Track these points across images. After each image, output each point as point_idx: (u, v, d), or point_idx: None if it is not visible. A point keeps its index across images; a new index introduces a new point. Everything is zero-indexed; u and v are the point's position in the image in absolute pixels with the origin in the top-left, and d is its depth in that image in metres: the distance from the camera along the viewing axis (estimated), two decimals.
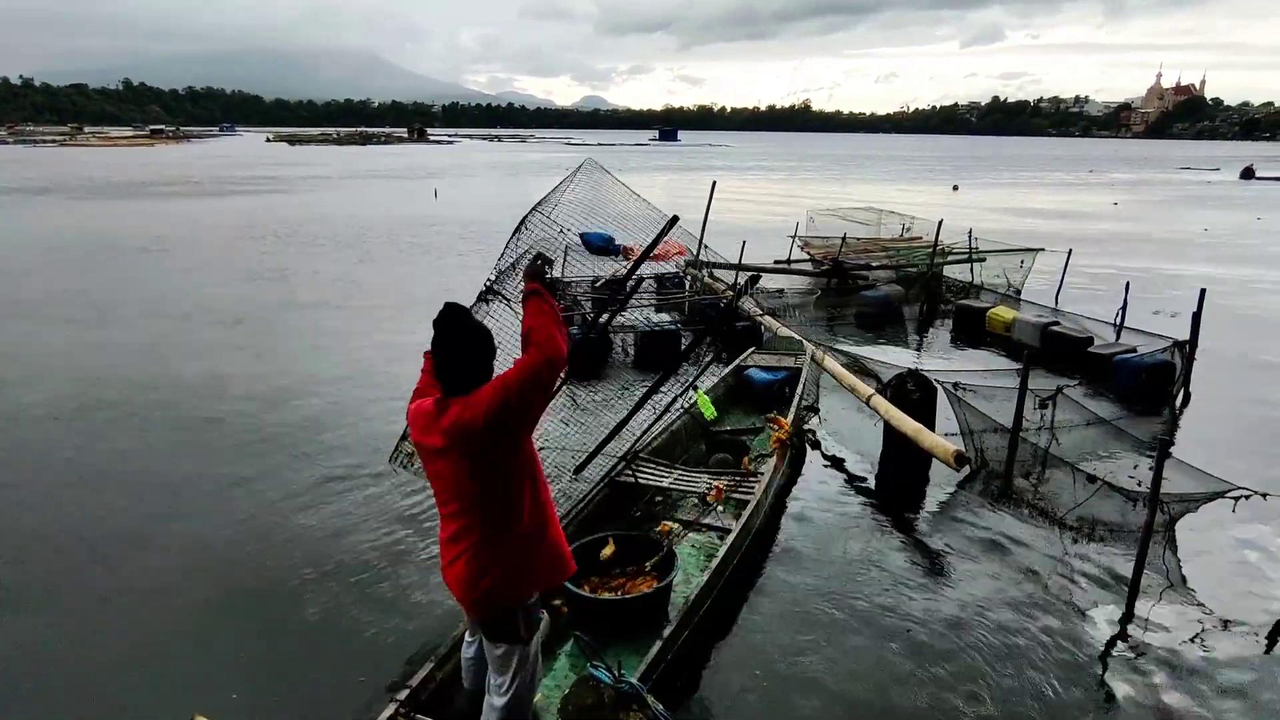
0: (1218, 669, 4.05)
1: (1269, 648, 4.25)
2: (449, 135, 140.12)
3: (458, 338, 2.60)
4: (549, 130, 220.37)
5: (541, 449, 3.11)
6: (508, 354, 3.07)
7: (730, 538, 4.54)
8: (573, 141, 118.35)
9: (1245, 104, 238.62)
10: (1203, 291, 8.18)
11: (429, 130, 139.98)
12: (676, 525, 4.87)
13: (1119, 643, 4.26)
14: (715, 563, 4.27)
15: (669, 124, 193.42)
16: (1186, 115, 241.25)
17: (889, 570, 4.96)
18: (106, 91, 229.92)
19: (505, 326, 3.90)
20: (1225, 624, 4.42)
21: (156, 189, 34.01)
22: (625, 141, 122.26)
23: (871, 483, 6.32)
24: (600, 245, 14.30)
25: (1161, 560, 4.74)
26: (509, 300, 4.20)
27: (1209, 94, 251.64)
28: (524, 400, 2.54)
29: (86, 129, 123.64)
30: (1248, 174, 52.62)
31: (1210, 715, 3.74)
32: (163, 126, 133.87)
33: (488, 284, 4.30)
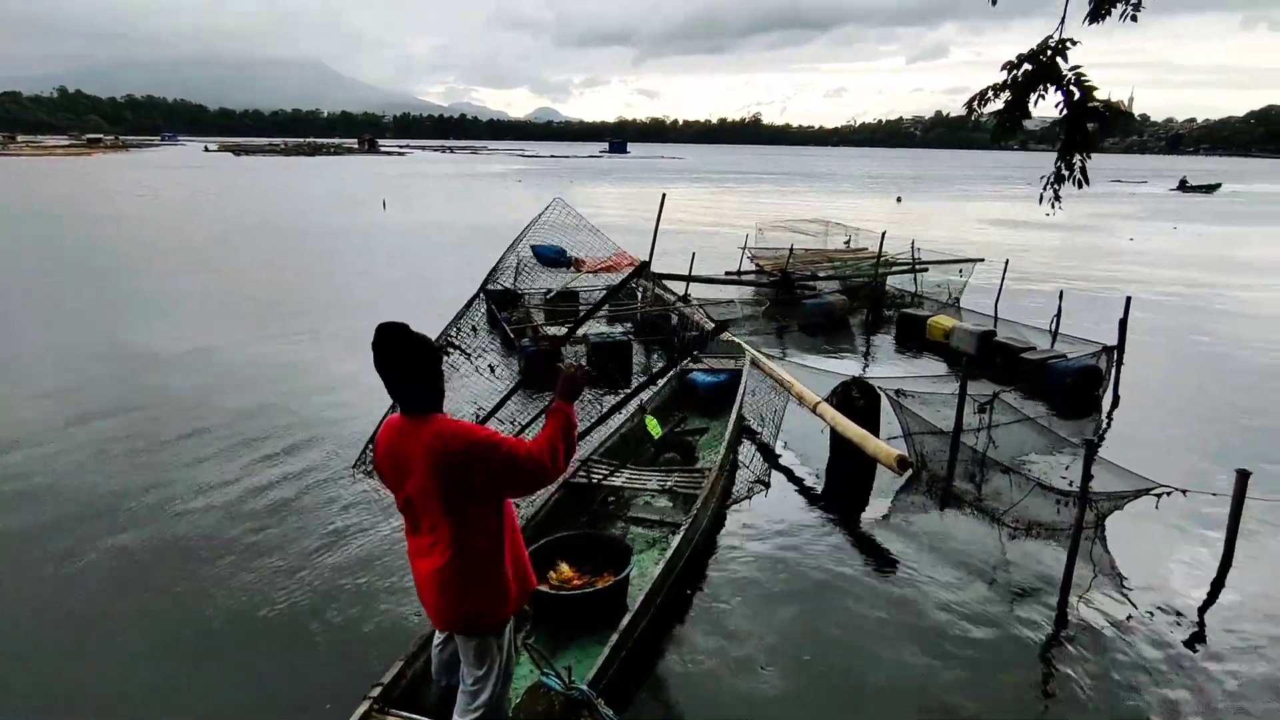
0: (1143, 655, 4.26)
1: (1190, 634, 4.49)
2: (400, 146, 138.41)
3: (397, 356, 2.59)
4: (503, 142, 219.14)
5: None
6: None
7: (681, 531, 4.70)
8: (526, 153, 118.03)
9: (1170, 120, 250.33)
10: (1128, 299, 8.58)
11: (380, 141, 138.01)
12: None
13: (1052, 633, 4.46)
14: (668, 555, 4.43)
15: (622, 136, 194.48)
16: (1117, 130, 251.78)
17: (834, 567, 5.11)
18: (41, 99, 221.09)
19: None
20: (1150, 613, 4.65)
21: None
22: (578, 153, 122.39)
23: (818, 485, 6.48)
24: (551, 257, 14.30)
25: (1090, 555, 4.97)
26: (468, 354, 4.46)
27: (1137, 110, 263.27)
28: (507, 477, 2.60)
29: (20, 138, 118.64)
30: (1182, 186, 55.44)
31: (1135, 698, 3.94)
32: (101, 135, 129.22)
33: (445, 339, 4.49)
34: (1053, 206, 3.44)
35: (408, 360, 2.59)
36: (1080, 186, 3.43)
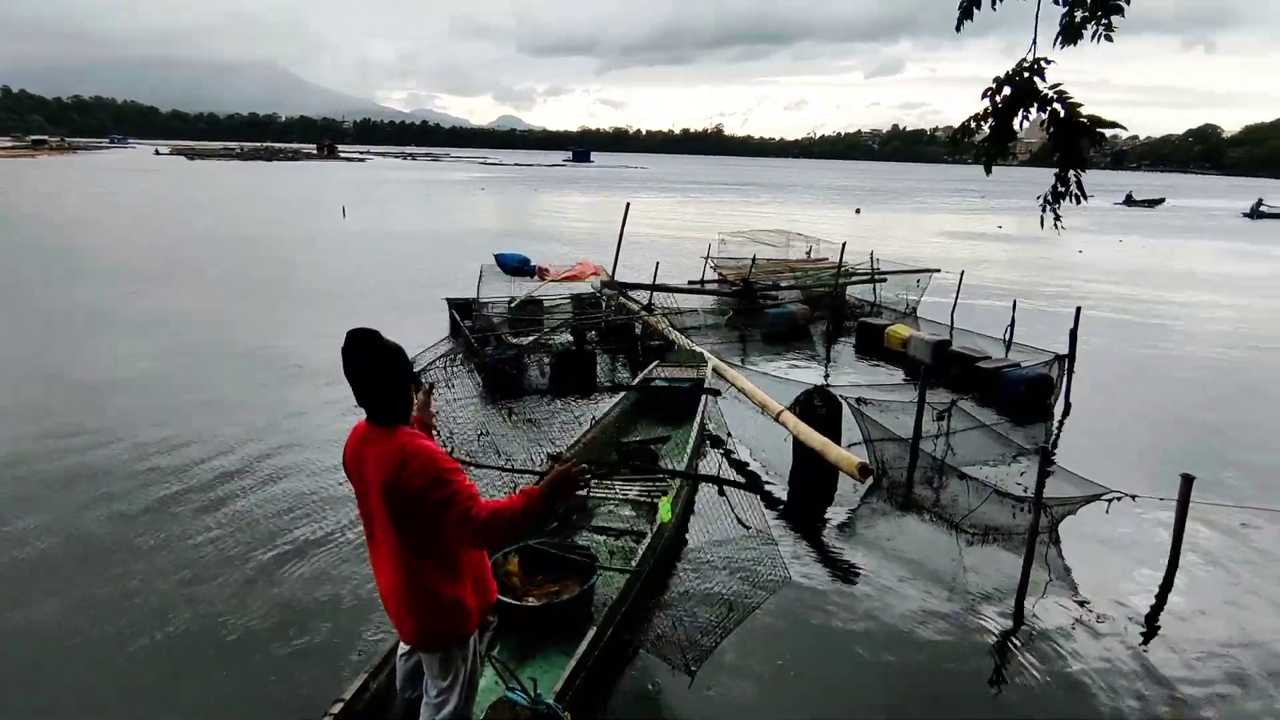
0: (1096, 655, 4.38)
1: (1140, 632, 4.64)
2: (360, 152, 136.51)
3: (367, 362, 2.55)
4: (465, 149, 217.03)
5: (466, 465, 3.14)
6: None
7: (645, 540, 4.71)
8: (489, 161, 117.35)
9: (1114, 136, 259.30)
10: (1078, 309, 8.85)
11: (339, 147, 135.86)
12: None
13: (1009, 635, 4.56)
14: (632, 565, 4.44)
15: (585, 145, 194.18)
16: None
17: (797, 574, 5.14)
18: None
19: None
20: (1103, 614, 4.78)
21: None
22: (542, 162, 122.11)
23: (781, 492, 6.53)
24: (515, 266, 14.26)
25: (1045, 559, 5.10)
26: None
27: None
28: (448, 522, 2.47)
29: None
30: (1129, 200, 57.35)
31: (1089, 697, 4.04)
32: (46, 137, 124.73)
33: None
34: (1055, 225, 3.50)
35: (377, 368, 2.55)
36: (1078, 202, 3.50)
